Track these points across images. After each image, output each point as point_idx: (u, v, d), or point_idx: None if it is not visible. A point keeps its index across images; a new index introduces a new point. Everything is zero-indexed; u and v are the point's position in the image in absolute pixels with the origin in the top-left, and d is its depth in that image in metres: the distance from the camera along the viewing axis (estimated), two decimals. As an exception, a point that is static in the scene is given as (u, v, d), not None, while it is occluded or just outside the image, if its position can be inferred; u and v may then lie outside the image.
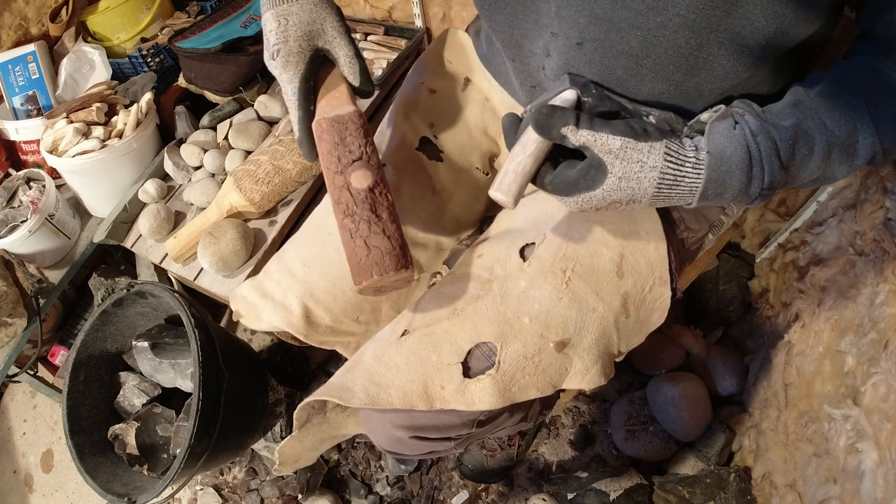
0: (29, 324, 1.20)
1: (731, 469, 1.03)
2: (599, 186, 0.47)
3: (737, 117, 0.48)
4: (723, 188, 0.47)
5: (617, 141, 0.46)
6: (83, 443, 1.08)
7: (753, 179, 0.47)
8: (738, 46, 0.48)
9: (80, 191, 1.29)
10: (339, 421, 0.74)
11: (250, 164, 1.10)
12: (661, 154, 0.46)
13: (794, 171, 0.48)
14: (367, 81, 0.61)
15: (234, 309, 0.73)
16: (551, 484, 1.12)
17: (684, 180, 0.47)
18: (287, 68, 0.57)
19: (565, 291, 0.59)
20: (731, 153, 0.46)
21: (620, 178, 0.47)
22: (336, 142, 0.57)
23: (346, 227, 0.54)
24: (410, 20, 1.40)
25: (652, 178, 0.47)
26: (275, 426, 1.27)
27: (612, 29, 0.49)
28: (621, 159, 0.46)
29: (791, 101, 0.49)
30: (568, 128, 0.47)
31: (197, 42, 1.27)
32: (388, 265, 0.53)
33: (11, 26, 1.40)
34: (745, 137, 0.46)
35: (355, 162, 0.56)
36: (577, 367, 0.59)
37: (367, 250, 0.53)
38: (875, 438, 0.70)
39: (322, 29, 0.58)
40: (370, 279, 0.52)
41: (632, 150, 0.46)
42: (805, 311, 0.96)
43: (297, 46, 0.56)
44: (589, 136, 0.46)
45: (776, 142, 0.46)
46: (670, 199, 0.49)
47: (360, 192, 0.55)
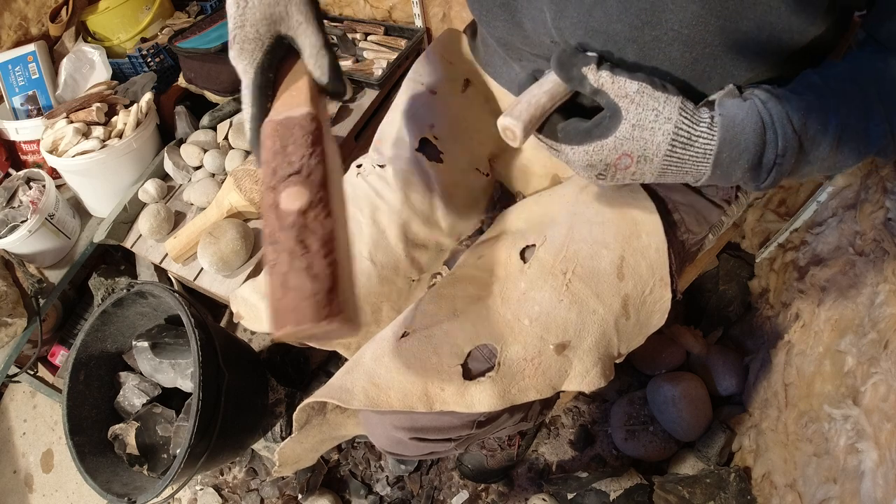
0: (29, 324, 1.20)
1: (731, 469, 1.03)
2: (612, 133, 0.46)
3: (746, 94, 0.48)
4: (737, 152, 0.46)
5: (634, 84, 0.46)
6: (83, 443, 1.08)
7: (767, 144, 0.46)
8: (735, 59, 0.48)
9: (80, 191, 1.29)
10: (338, 422, 0.74)
11: (250, 163, 1.10)
12: (677, 108, 0.46)
13: (808, 146, 0.47)
14: (335, 78, 0.52)
15: (234, 311, 0.73)
16: (551, 484, 1.12)
17: (699, 140, 0.46)
18: (242, 57, 0.50)
19: (565, 293, 0.59)
20: (743, 117, 0.46)
21: (634, 125, 0.46)
22: (276, 150, 0.47)
23: (267, 258, 0.43)
24: (410, 20, 1.40)
25: (666, 130, 0.46)
26: (275, 426, 1.27)
27: (608, 42, 0.49)
28: (637, 104, 0.46)
29: (803, 85, 0.48)
30: (589, 67, 0.47)
31: (197, 42, 1.27)
32: (305, 314, 0.40)
33: (11, 26, 1.40)
34: (756, 105, 0.46)
35: (291, 176, 0.45)
36: (577, 369, 0.59)
37: (283, 291, 0.41)
38: (875, 438, 0.70)
39: (286, 13, 0.50)
40: (283, 329, 0.40)
41: (648, 97, 0.46)
42: (805, 311, 0.96)
43: (253, 32, 0.49)
44: (607, 78, 0.46)
45: (788, 111, 0.46)
46: (683, 162, 0.48)
47: (288, 215, 0.43)
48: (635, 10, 0.46)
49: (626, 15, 0.47)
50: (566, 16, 0.50)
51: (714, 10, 0.44)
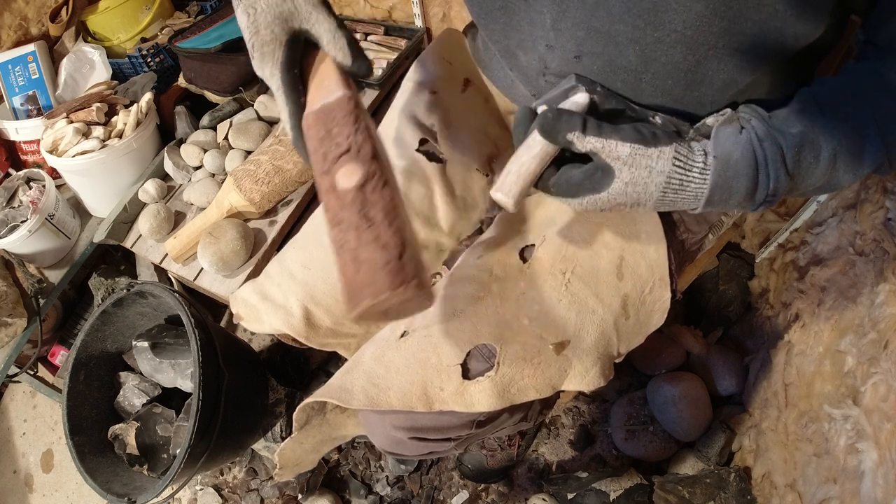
0: (29, 324, 1.20)
1: (731, 469, 1.03)
2: (605, 190, 0.46)
3: (743, 122, 0.48)
4: (728, 194, 0.47)
5: (626, 148, 0.45)
6: (83, 443, 1.08)
7: (759, 186, 0.46)
8: (737, 62, 0.47)
9: (80, 191, 1.29)
10: (338, 422, 0.74)
11: (250, 164, 1.10)
12: (670, 159, 0.46)
13: (800, 178, 0.47)
14: (358, 56, 0.52)
15: (234, 312, 0.73)
16: (551, 484, 1.12)
17: (690, 185, 0.47)
18: (265, 62, 0.50)
19: (565, 293, 0.59)
20: (737, 158, 0.46)
21: (627, 182, 0.46)
22: (322, 136, 0.47)
23: (334, 240, 0.43)
24: (410, 20, 1.40)
25: (659, 182, 0.46)
26: (275, 426, 1.27)
27: (610, 43, 0.49)
28: (630, 165, 0.45)
29: (797, 108, 0.48)
30: (574, 134, 0.46)
31: (197, 42, 1.27)
32: (381, 284, 0.40)
33: (11, 26, 1.40)
34: (752, 143, 0.46)
35: (342, 156, 0.46)
36: (577, 369, 0.59)
37: (356, 266, 0.41)
38: (875, 438, 0.70)
39: (294, 7, 0.50)
40: (362, 304, 0.40)
41: (641, 157, 0.45)
42: (805, 311, 0.96)
43: (269, 34, 0.50)
44: (597, 143, 0.46)
45: (782, 148, 0.46)
46: (675, 203, 0.48)
47: (347, 193, 0.44)
48: (638, 10, 0.46)
49: (628, 15, 0.46)
50: (568, 16, 0.50)
51: (718, 11, 0.43)
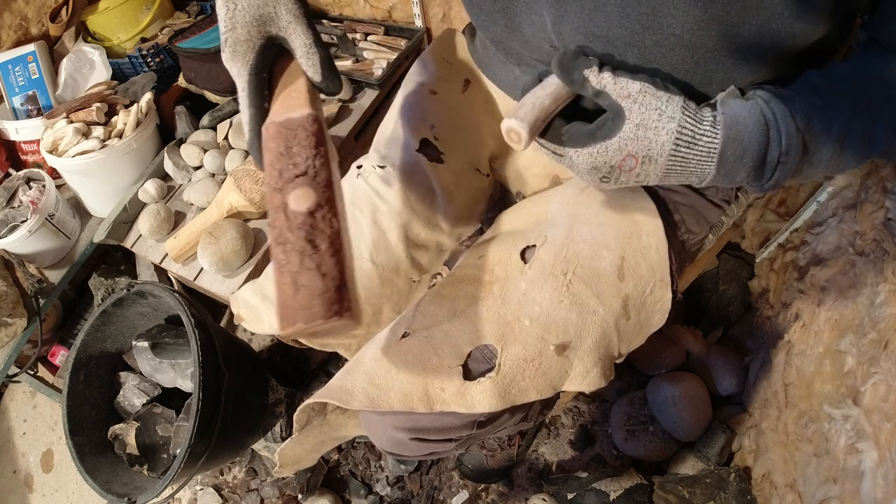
0: (29, 324, 1.20)
1: (731, 469, 1.03)
2: (616, 134, 0.46)
3: (748, 94, 0.48)
4: (741, 149, 0.46)
5: (636, 84, 0.46)
6: (83, 443, 1.08)
7: (771, 142, 0.46)
8: (736, 64, 0.48)
9: (80, 191, 1.29)
10: (339, 423, 0.74)
11: (250, 164, 1.10)
12: (679, 107, 0.46)
13: (812, 146, 0.46)
14: (330, 76, 0.52)
15: (235, 312, 0.73)
16: (551, 484, 1.12)
17: (703, 139, 0.46)
18: (235, 59, 0.50)
19: (566, 294, 0.59)
20: (745, 116, 0.46)
21: (638, 124, 0.46)
22: (281, 152, 0.47)
23: (276, 258, 0.44)
24: (410, 20, 1.40)
25: (670, 129, 0.46)
26: (275, 426, 1.27)
27: (609, 46, 0.49)
28: (640, 104, 0.45)
29: (807, 85, 0.48)
30: (590, 70, 0.47)
31: (197, 42, 1.27)
32: (316, 311, 0.42)
33: (11, 26, 1.40)
34: (759, 104, 0.46)
35: (297, 178, 0.46)
36: (578, 370, 0.59)
37: (293, 289, 0.43)
38: (875, 438, 0.70)
39: (275, 13, 0.50)
40: (295, 325, 0.42)
41: (651, 96, 0.46)
42: (805, 311, 0.96)
43: (244, 34, 0.49)
44: (609, 79, 0.46)
45: (791, 110, 0.46)
46: (687, 161, 0.47)
47: (297, 216, 0.45)
48: (636, 15, 0.46)
49: (626, 20, 0.46)
50: (566, 20, 0.50)
51: (716, 15, 0.43)
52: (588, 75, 0.47)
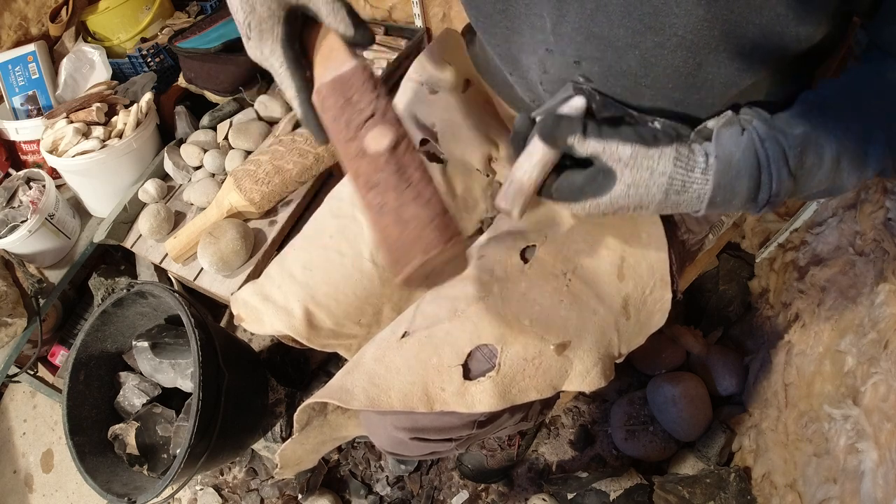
0: (29, 324, 1.20)
1: (731, 469, 1.03)
2: (607, 193, 0.46)
3: (744, 124, 0.47)
4: (731, 194, 0.46)
5: (627, 149, 0.45)
6: (83, 443, 1.08)
7: (762, 186, 0.46)
8: (739, 65, 0.47)
9: (80, 191, 1.29)
10: (339, 423, 0.75)
11: (250, 164, 1.10)
12: (671, 159, 0.45)
13: (803, 179, 0.47)
14: (360, 25, 0.51)
15: (235, 313, 0.73)
16: (551, 484, 1.12)
17: (692, 186, 0.46)
18: (264, 39, 0.49)
19: (566, 294, 0.59)
20: (739, 158, 0.45)
21: (630, 185, 0.45)
22: (341, 105, 0.47)
23: (371, 204, 0.44)
24: (410, 20, 1.40)
25: (661, 183, 0.45)
26: (275, 426, 1.27)
27: (609, 48, 0.48)
28: (631, 167, 0.45)
29: (801, 110, 0.48)
30: (575, 137, 0.45)
31: (197, 42, 1.27)
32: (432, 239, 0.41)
33: (11, 26, 1.40)
34: (754, 143, 0.45)
35: (368, 121, 0.46)
36: (578, 369, 0.59)
37: (401, 226, 0.42)
38: (875, 438, 0.70)
39: None
40: (413, 261, 0.41)
41: (642, 158, 0.45)
42: (805, 311, 0.96)
43: (266, 11, 0.49)
44: (598, 146, 0.45)
45: (784, 148, 0.45)
46: (678, 205, 0.48)
47: (381, 156, 0.44)
48: (638, 15, 0.45)
49: (628, 19, 0.46)
50: (567, 21, 0.50)
51: (720, 14, 0.43)
52: (573, 143, 0.46)
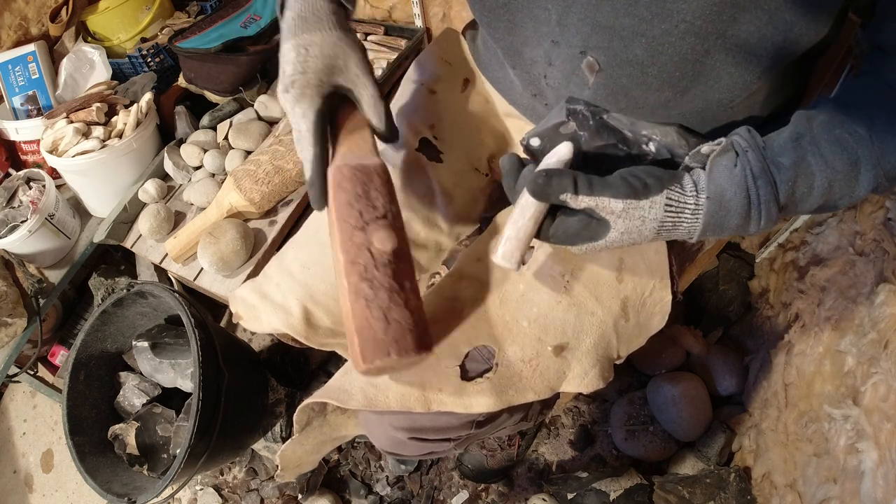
0: (29, 324, 1.20)
1: (731, 469, 1.03)
2: (602, 238, 0.47)
3: (739, 150, 0.47)
4: (720, 229, 0.48)
5: (619, 203, 0.45)
6: (83, 443, 1.08)
7: (751, 221, 0.47)
8: (745, 54, 0.47)
9: (80, 191, 1.29)
10: (339, 422, 0.74)
11: (250, 164, 1.10)
12: (662, 207, 0.46)
13: (792, 207, 0.48)
14: (391, 126, 0.57)
15: (233, 311, 0.73)
16: (551, 484, 1.12)
17: (682, 224, 0.47)
18: (301, 101, 0.53)
19: (564, 295, 0.59)
20: (730, 197, 0.46)
21: (623, 231, 0.47)
22: (358, 193, 0.51)
23: (360, 292, 0.47)
24: (410, 20, 1.40)
25: (652, 228, 0.47)
26: (275, 426, 1.27)
27: (615, 37, 0.48)
28: (623, 218, 0.46)
29: (793, 134, 0.48)
30: (566, 195, 0.46)
31: (197, 42, 1.27)
32: (409, 344, 0.46)
33: (11, 26, 1.40)
34: (746, 181, 0.46)
35: (379, 220, 0.50)
36: (576, 371, 0.59)
37: (385, 324, 0.46)
38: (875, 438, 0.70)
39: (345, 65, 0.54)
40: (385, 358, 0.45)
41: (633, 209, 0.46)
42: (805, 311, 0.96)
43: (315, 79, 0.53)
44: (590, 202, 0.46)
45: (776, 184, 0.46)
46: (669, 238, 0.50)
47: (384, 255, 0.49)
48: (644, 3, 0.45)
49: (634, 8, 0.46)
50: (573, 11, 0.49)
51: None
52: (566, 200, 0.46)
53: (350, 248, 0.49)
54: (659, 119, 0.55)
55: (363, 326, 0.46)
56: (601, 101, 0.55)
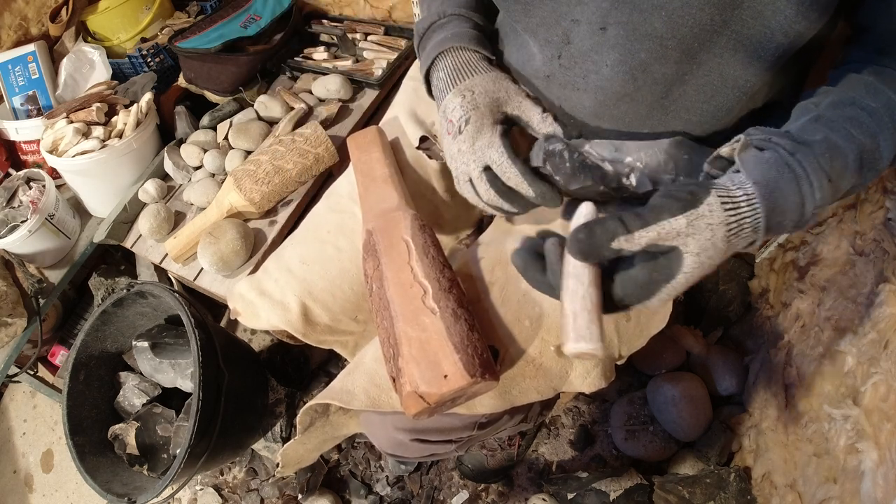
0: (29, 324, 1.20)
1: (731, 469, 1.03)
2: (680, 270, 0.41)
3: (760, 144, 0.45)
4: (782, 215, 0.43)
5: (681, 220, 0.40)
6: (83, 443, 1.08)
7: (806, 198, 0.43)
8: (763, 28, 0.46)
9: (80, 191, 1.29)
10: (341, 422, 0.75)
11: (250, 164, 1.10)
12: (720, 205, 0.41)
13: (837, 183, 0.44)
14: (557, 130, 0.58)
15: (232, 307, 0.73)
16: (551, 484, 1.12)
17: (745, 221, 0.42)
18: (482, 134, 0.54)
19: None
20: (775, 177, 0.43)
21: (699, 252, 0.41)
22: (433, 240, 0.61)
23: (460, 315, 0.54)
24: (410, 20, 1.40)
25: (721, 234, 0.41)
26: (275, 426, 1.27)
27: (635, 11, 0.48)
28: (692, 235, 0.41)
29: (810, 117, 0.47)
30: (619, 239, 0.41)
31: (197, 42, 1.27)
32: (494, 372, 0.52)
33: (11, 26, 1.40)
34: (783, 158, 0.43)
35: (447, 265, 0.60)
36: (578, 371, 0.59)
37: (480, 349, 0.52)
38: (875, 438, 0.70)
39: (507, 96, 0.57)
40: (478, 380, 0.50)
41: (697, 220, 0.41)
42: (805, 311, 0.96)
43: (488, 112, 0.55)
44: (650, 233, 0.41)
45: (815, 156, 0.43)
46: (737, 246, 0.44)
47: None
48: None
49: None
50: None
51: None
52: (621, 246, 0.41)
53: (442, 280, 0.56)
54: (670, 105, 0.53)
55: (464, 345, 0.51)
56: (618, 80, 0.52)
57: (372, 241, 0.61)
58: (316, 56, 1.36)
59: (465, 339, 0.51)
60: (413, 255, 0.58)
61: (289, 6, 1.36)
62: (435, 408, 0.51)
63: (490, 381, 0.51)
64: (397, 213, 0.63)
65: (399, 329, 0.53)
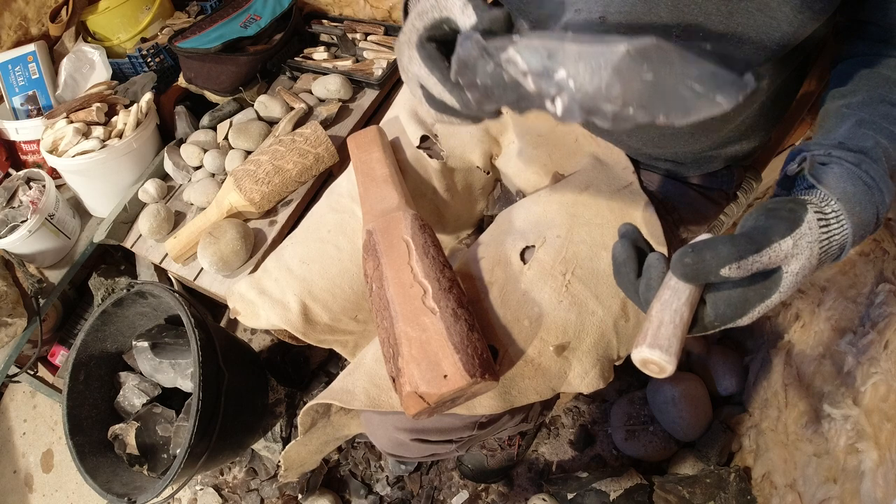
0: (29, 324, 1.20)
1: (731, 469, 1.03)
2: (776, 291, 0.40)
3: (821, 159, 0.44)
4: (864, 228, 0.43)
5: (788, 242, 0.39)
6: (83, 443, 1.08)
7: (879, 207, 0.43)
8: (767, 18, 0.46)
9: (80, 191, 1.29)
10: (342, 423, 0.74)
11: (250, 164, 1.10)
12: (816, 223, 0.41)
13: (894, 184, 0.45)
14: None
15: (231, 307, 0.73)
16: (551, 484, 1.12)
17: (834, 238, 0.42)
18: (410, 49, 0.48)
19: (565, 295, 0.59)
20: (851, 191, 0.42)
21: (797, 272, 0.40)
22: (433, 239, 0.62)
23: (461, 315, 0.54)
24: (410, 20, 1.40)
25: (815, 253, 0.41)
26: (275, 426, 1.27)
27: (638, 0, 0.47)
28: (795, 256, 0.40)
29: (853, 122, 0.46)
30: (730, 267, 0.38)
31: (197, 42, 1.27)
32: (494, 372, 0.52)
33: (11, 26, 1.40)
34: (853, 172, 0.43)
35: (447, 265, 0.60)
36: (576, 370, 0.59)
37: (480, 348, 0.52)
38: (875, 438, 0.70)
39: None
40: (478, 380, 0.50)
41: (800, 240, 0.40)
42: (805, 311, 0.96)
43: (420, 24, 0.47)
44: (762, 258, 0.39)
45: (876, 163, 0.44)
46: (823, 264, 0.43)
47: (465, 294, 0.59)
48: None
49: None
50: None
51: None
52: (731, 274, 0.38)
53: (442, 280, 0.56)
54: None
55: (464, 345, 0.51)
56: None
57: (372, 241, 0.61)
58: (316, 56, 1.36)
59: (465, 339, 0.52)
60: (413, 255, 0.58)
61: (289, 6, 1.36)
62: (435, 408, 0.51)
63: (490, 382, 0.51)
64: (397, 212, 0.63)
65: (399, 329, 0.53)
